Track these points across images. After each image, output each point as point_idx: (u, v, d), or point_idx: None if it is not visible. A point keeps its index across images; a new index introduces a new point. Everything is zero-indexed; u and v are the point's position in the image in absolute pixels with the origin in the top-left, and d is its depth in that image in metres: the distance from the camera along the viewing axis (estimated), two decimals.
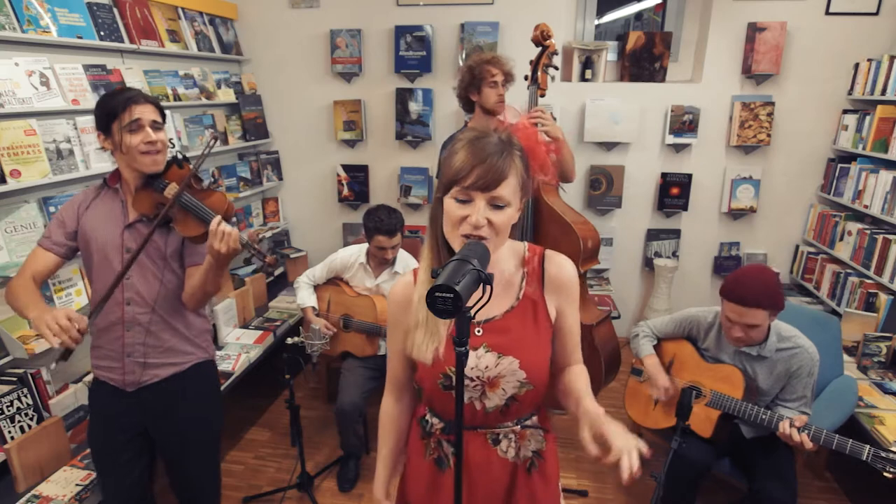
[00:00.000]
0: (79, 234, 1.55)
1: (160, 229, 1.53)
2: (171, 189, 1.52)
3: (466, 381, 1.09)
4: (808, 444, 1.75)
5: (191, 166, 1.59)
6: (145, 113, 1.47)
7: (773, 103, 3.29)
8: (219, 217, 1.45)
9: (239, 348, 2.71)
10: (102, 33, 2.45)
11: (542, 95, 2.37)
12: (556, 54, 2.36)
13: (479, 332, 1.09)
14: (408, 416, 1.28)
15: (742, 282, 1.82)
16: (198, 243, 1.57)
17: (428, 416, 1.20)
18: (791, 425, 1.77)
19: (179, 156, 1.60)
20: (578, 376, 1.16)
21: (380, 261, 2.58)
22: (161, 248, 1.57)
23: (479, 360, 1.08)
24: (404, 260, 2.63)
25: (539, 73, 2.35)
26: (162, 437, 1.68)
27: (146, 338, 1.57)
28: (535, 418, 1.19)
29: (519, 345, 1.08)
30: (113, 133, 1.46)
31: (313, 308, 2.67)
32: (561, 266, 1.12)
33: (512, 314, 1.09)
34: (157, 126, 1.50)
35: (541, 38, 2.32)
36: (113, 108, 1.44)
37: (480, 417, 1.13)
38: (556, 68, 2.37)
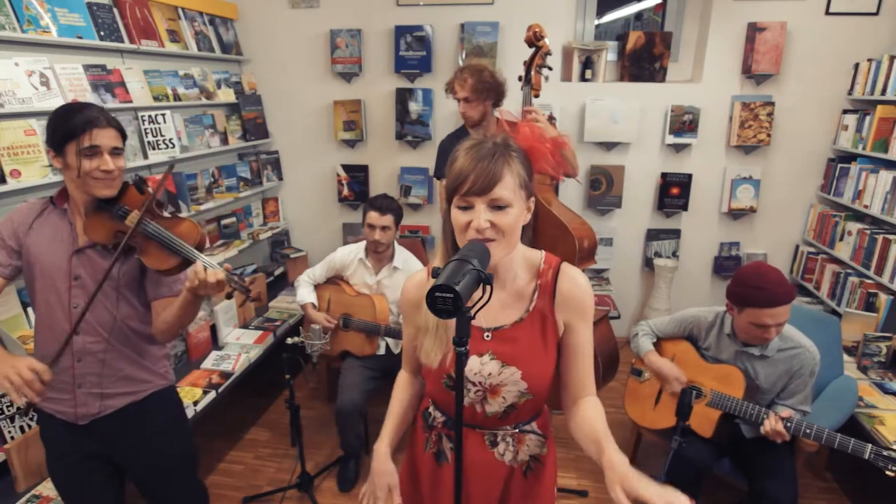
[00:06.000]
0: (23, 254, 1.42)
1: (110, 254, 1.42)
2: (134, 217, 1.40)
3: (469, 386, 1.12)
4: (808, 443, 1.75)
5: (150, 191, 1.47)
6: (105, 139, 1.34)
7: (773, 103, 3.29)
8: (202, 264, 1.34)
9: (239, 348, 2.71)
10: (102, 33, 2.45)
11: (537, 96, 2.38)
12: (550, 55, 2.36)
13: (487, 336, 1.11)
14: (420, 387, 1.31)
15: (765, 286, 1.78)
16: (169, 276, 1.46)
17: (431, 409, 1.24)
18: (776, 418, 1.79)
19: (137, 178, 1.51)
20: (595, 416, 1.10)
21: (378, 256, 2.59)
22: (115, 278, 1.44)
23: (483, 367, 1.10)
24: (403, 256, 2.63)
25: (532, 74, 2.35)
26: (129, 467, 1.59)
27: (101, 368, 1.46)
28: (534, 424, 1.19)
29: (523, 356, 1.09)
30: (66, 154, 1.33)
31: (313, 304, 2.67)
32: (574, 282, 1.10)
33: (521, 325, 1.10)
34: (117, 152, 1.38)
35: (533, 39, 2.33)
36: (71, 129, 1.31)
37: (480, 418, 1.15)
38: (550, 69, 2.38)
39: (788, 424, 1.78)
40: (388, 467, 1.20)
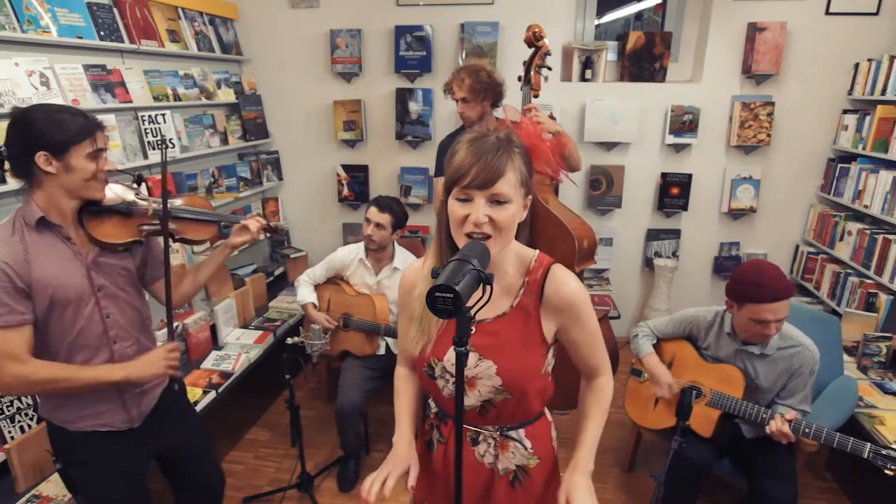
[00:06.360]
0: (32, 292, 1.31)
1: (124, 253, 1.50)
2: (152, 205, 1.53)
3: (447, 376, 1.13)
4: (807, 443, 1.75)
5: (130, 178, 1.60)
6: (103, 141, 1.39)
7: (773, 103, 3.29)
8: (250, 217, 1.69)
9: (239, 348, 2.71)
10: (102, 33, 2.45)
11: (536, 96, 2.38)
12: (549, 55, 2.36)
13: (471, 330, 1.10)
14: (418, 381, 1.31)
15: (764, 282, 1.78)
16: (202, 244, 1.66)
17: (430, 400, 1.25)
18: (782, 420, 1.78)
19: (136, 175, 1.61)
20: (591, 411, 1.17)
21: (378, 257, 2.59)
22: (132, 273, 1.52)
23: None
24: (403, 257, 2.63)
25: (532, 74, 2.36)
26: (177, 453, 1.69)
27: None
28: (521, 432, 1.17)
29: (501, 351, 1.08)
30: (70, 157, 1.30)
31: (313, 304, 2.67)
32: (562, 284, 1.08)
33: (502, 320, 1.10)
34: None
35: (533, 39, 2.33)
36: (78, 132, 1.31)
37: None
38: (550, 69, 2.38)
39: (807, 430, 1.77)
40: (407, 453, 1.18)
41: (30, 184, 1.34)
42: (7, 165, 1.33)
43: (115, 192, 1.51)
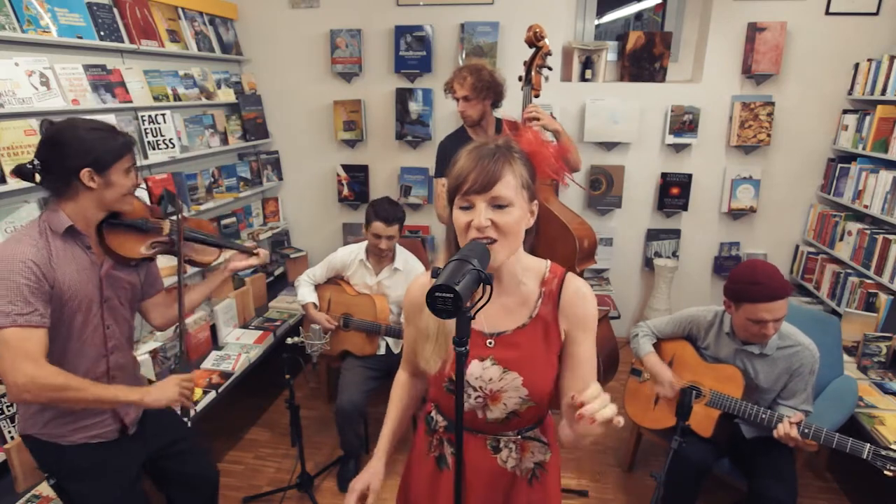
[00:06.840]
0: (54, 293, 1.34)
1: (133, 268, 1.56)
2: (166, 226, 1.60)
3: (469, 391, 1.11)
4: (808, 443, 1.75)
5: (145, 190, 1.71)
6: (135, 157, 1.47)
7: (773, 103, 3.29)
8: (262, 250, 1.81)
9: (239, 348, 2.71)
10: (102, 33, 2.45)
11: (537, 96, 2.39)
12: (550, 55, 2.37)
13: (490, 343, 1.10)
14: (419, 389, 1.31)
15: (761, 281, 1.78)
16: (206, 266, 1.74)
17: (433, 414, 1.23)
18: (790, 424, 1.78)
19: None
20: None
21: (379, 258, 2.59)
22: (136, 289, 1.58)
23: (484, 372, 1.09)
24: (404, 257, 2.63)
25: (533, 74, 2.36)
26: (165, 452, 1.70)
27: (126, 375, 1.59)
28: (537, 430, 1.19)
29: (525, 362, 1.08)
30: (111, 173, 1.38)
31: (314, 304, 2.67)
32: (578, 292, 1.10)
33: (523, 331, 1.10)
34: None
35: (534, 39, 2.33)
36: (120, 149, 1.39)
37: (481, 423, 1.15)
38: (550, 69, 2.39)
39: (806, 431, 1.77)
40: (375, 467, 1.21)
41: (62, 196, 1.38)
42: (38, 178, 1.36)
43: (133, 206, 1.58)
